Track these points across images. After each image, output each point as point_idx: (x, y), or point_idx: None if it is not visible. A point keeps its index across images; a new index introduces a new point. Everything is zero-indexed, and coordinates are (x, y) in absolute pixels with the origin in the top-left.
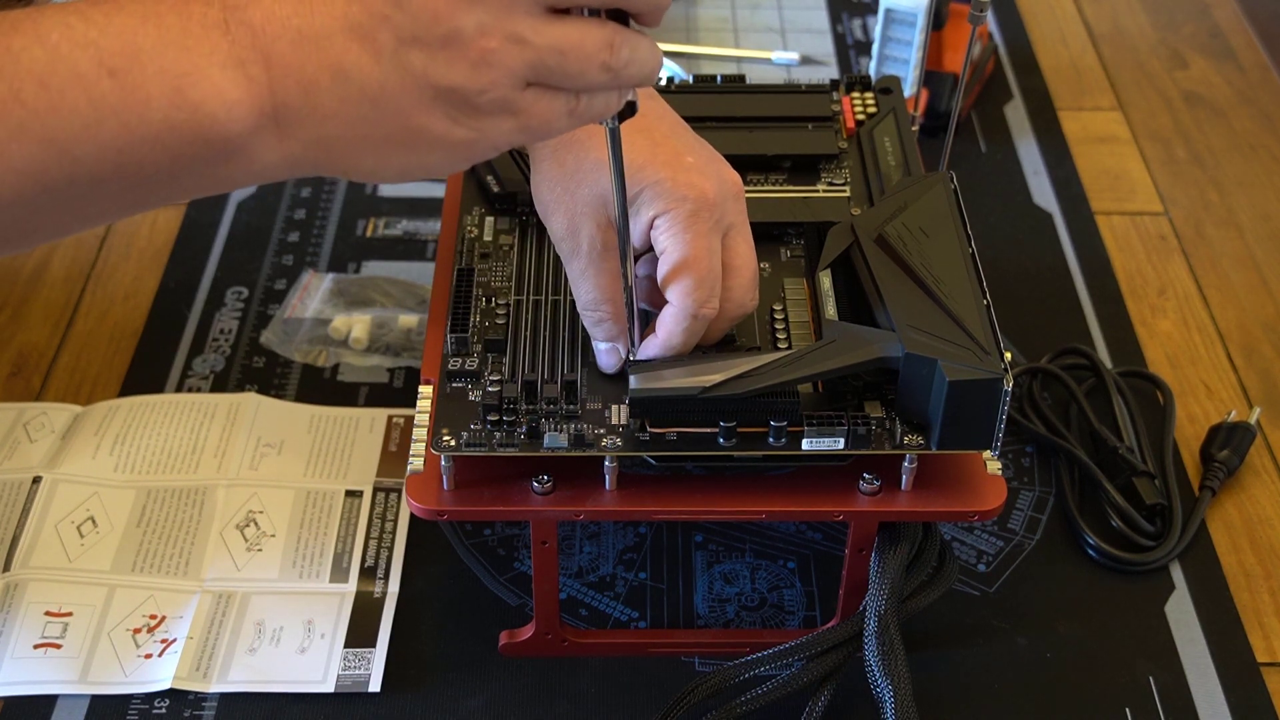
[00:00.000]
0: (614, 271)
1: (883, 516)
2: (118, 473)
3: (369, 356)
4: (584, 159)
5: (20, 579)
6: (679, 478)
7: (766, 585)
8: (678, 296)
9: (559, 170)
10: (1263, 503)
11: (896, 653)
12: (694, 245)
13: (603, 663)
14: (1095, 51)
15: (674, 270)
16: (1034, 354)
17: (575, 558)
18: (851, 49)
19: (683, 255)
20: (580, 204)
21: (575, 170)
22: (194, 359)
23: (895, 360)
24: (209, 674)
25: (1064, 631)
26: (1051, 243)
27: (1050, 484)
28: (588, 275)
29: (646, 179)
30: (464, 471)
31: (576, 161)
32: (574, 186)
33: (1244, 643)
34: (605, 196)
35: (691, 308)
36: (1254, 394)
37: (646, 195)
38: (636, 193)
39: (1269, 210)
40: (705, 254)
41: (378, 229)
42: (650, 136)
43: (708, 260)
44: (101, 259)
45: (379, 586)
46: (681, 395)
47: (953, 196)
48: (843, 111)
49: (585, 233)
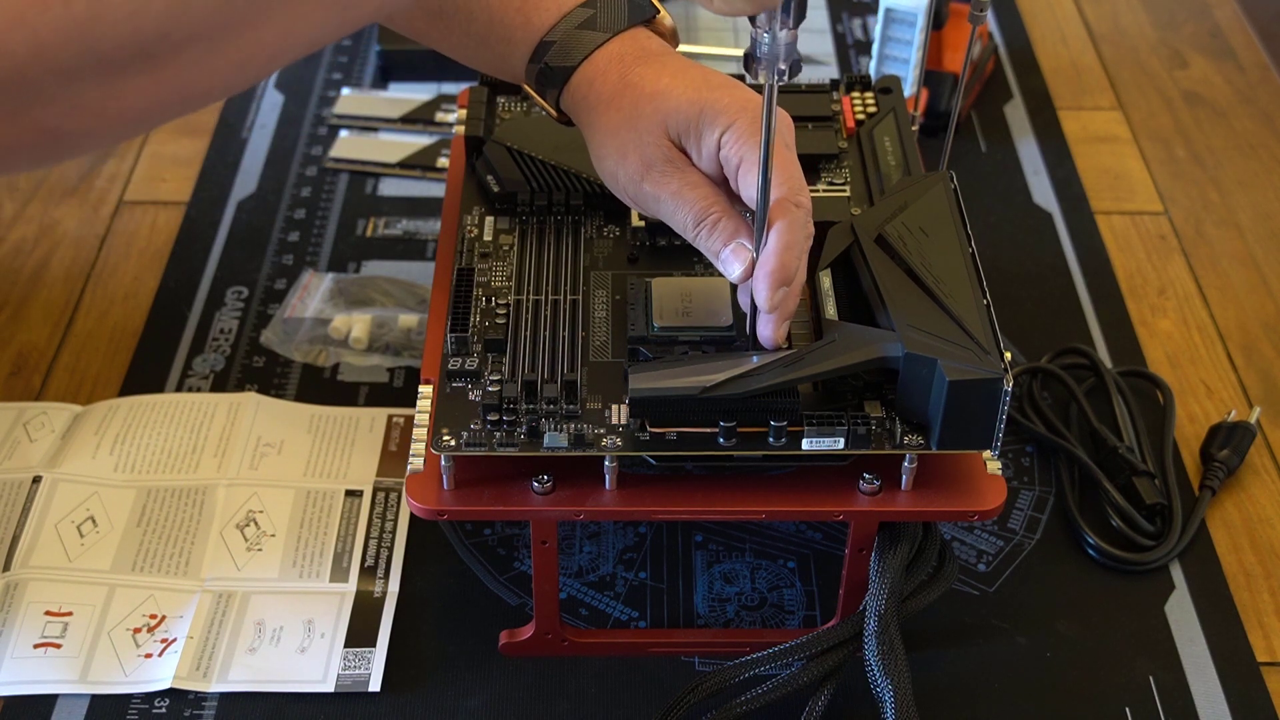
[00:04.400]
0: (704, 179)
1: (883, 516)
2: (118, 472)
3: (369, 356)
4: (640, 97)
5: (20, 579)
6: (679, 478)
7: (766, 585)
8: (773, 193)
9: (618, 116)
10: (1263, 502)
11: (896, 653)
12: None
13: (603, 663)
14: (1095, 51)
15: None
16: (1034, 354)
17: (575, 558)
18: (851, 49)
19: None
20: (646, 136)
21: (633, 111)
22: (194, 359)
23: (895, 360)
24: (209, 674)
25: (1064, 631)
26: (1051, 243)
27: (1050, 484)
28: (683, 193)
29: (701, 103)
30: (464, 471)
31: (633, 103)
32: (636, 123)
33: (1244, 643)
34: (663, 118)
35: (790, 195)
36: (1254, 394)
37: (705, 118)
38: (691, 120)
39: (1269, 210)
40: (783, 148)
41: (378, 229)
42: (685, 74)
43: (786, 153)
44: (101, 259)
45: (379, 586)
46: (681, 395)
47: (953, 196)
48: (843, 111)
49: (659, 158)
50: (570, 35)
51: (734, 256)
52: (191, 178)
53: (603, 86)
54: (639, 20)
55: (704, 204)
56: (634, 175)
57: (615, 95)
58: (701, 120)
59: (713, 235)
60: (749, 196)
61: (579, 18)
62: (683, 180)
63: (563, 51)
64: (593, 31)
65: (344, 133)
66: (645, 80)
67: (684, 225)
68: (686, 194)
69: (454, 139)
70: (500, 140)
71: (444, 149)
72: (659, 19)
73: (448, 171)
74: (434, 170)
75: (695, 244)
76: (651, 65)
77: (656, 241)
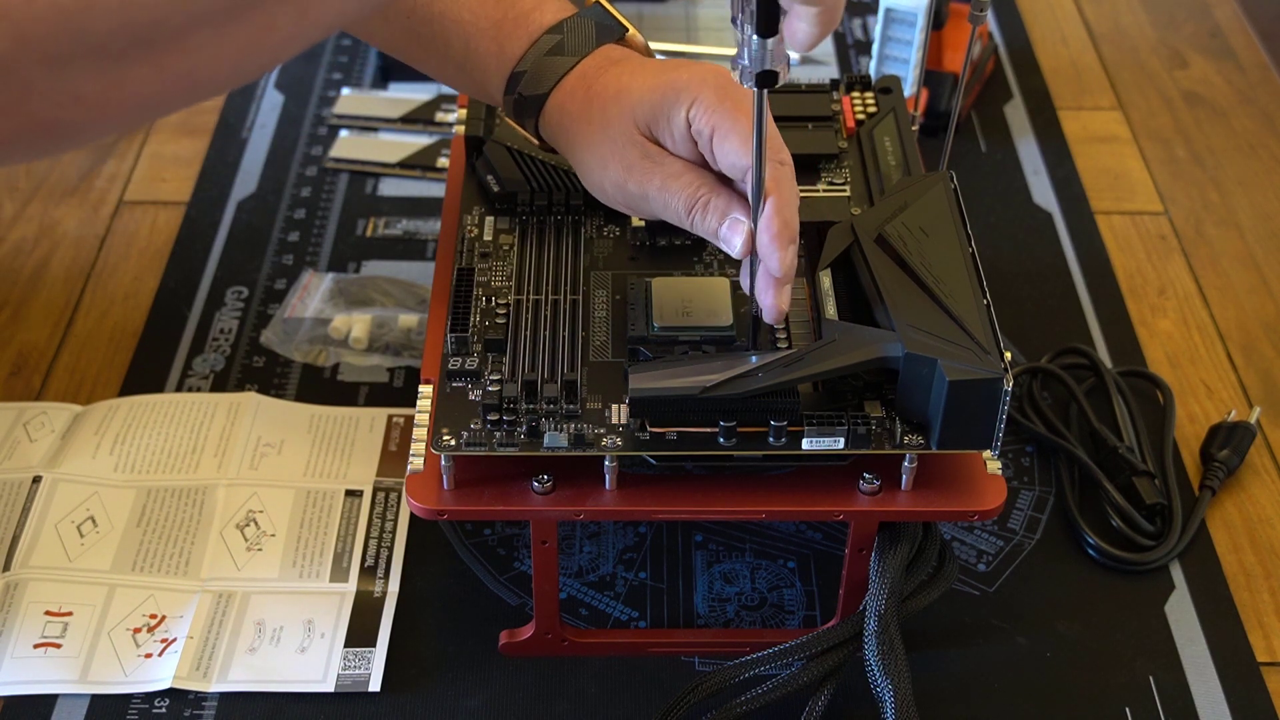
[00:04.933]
0: (684, 165)
1: (883, 516)
2: (118, 472)
3: (369, 356)
4: (605, 103)
5: (20, 578)
6: (679, 478)
7: (766, 585)
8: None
9: (590, 129)
10: (1263, 502)
11: (896, 653)
12: (739, 108)
13: (603, 663)
14: (1095, 51)
15: (738, 135)
16: (1034, 354)
17: (575, 558)
18: (851, 49)
19: (734, 120)
20: (619, 138)
21: (602, 119)
22: (194, 359)
23: (895, 360)
24: (209, 673)
25: (1064, 631)
26: (1051, 242)
27: (1050, 484)
28: (667, 184)
29: (662, 87)
30: (464, 471)
31: (601, 110)
32: (607, 129)
33: (1244, 642)
34: (630, 115)
35: (772, 154)
36: (1254, 394)
37: (668, 100)
38: (656, 107)
39: (1269, 210)
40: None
41: (378, 229)
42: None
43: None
44: (101, 259)
45: (379, 586)
46: (681, 395)
47: (953, 196)
48: (843, 111)
49: (636, 155)
50: (540, 63)
51: (731, 232)
52: (191, 178)
53: (572, 106)
54: (606, 41)
55: (690, 189)
56: (618, 180)
57: (584, 110)
58: (665, 103)
59: (706, 216)
60: (728, 165)
61: (547, 44)
62: (664, 172)
63: (534, 80)
64: (561, 57)
65: (344, 133)
66: (607, 86)
67: (677, 215)
68: (671, 184)
69: (454, 139)
70: (500, 140)
71: (444, 149)
72: (629, 37)
73: (448, 171)
74: (434, 170)
75: (692, 230)
76: (611, 72)
77: (656, 241)
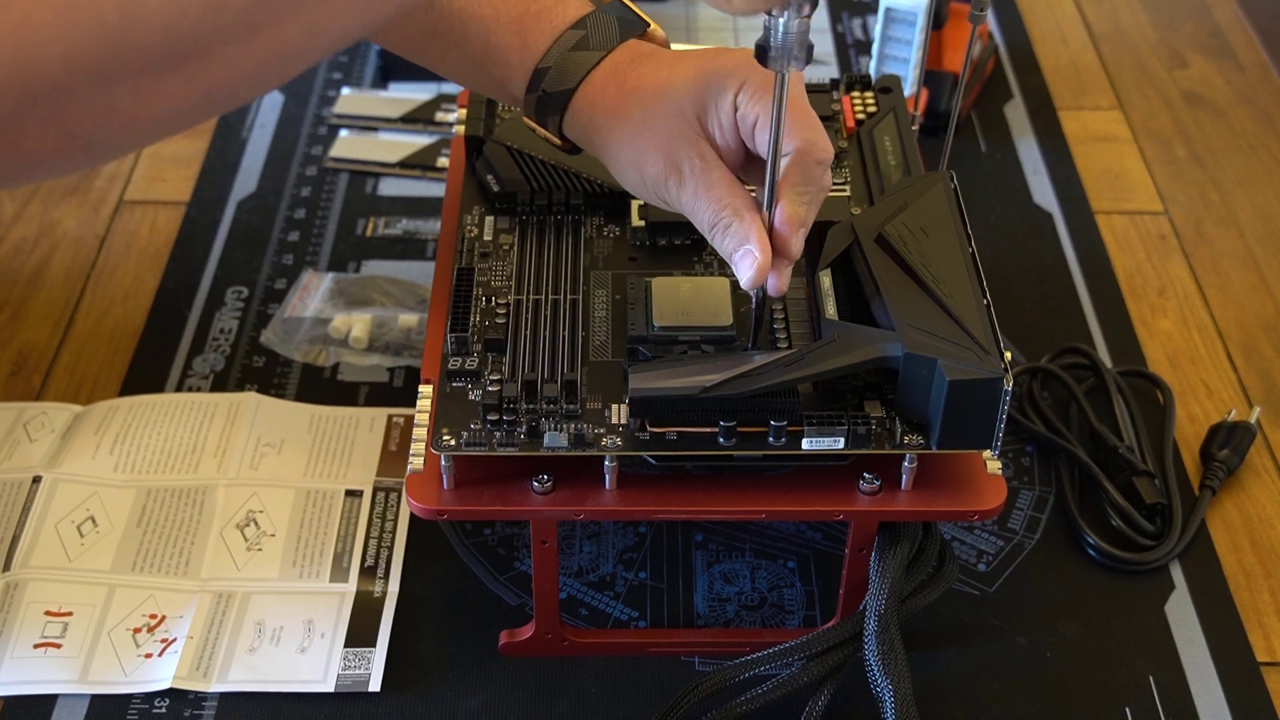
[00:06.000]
0: (723, 178)
1: (883, 516)
2: (118, 472)
3: (369, 356)
4: (646, 98)
5: (20, 579)
6: (679, 478)
7: (766, 585)
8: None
9: (629, 125)
10: (1263, 502)
11: (896, 653)
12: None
13: (603, 663)
14: (1095, 51)
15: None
16: (1034, 354)
17: (575, 558)
18: (851, 48)
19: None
20: (666, 134)
21: (643, 114)
22: (194, 359)
23: (895, 360)
24: (209, 674)
25: (1064, 631)
26: (1051, 242)
27: (1050, 484)
28: (700, 195)
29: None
30: (464, 471)
31: (641, 106)
32: (652, 124)
33: (1244, 642)
34: (678, 109)
35: (811, 151)
36: (1254, 394)
37: (713, 88)
38: (703, 96)
39: (1269, 210)
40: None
41: (378, 229)
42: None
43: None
44: (101, 259)
45: (379, 586)
46: (681, 395)
47: (953, 196)
48: (842, 111)
49: (684, 154)
50: (565, 59)
51: (743, 261)
52: (191, 178)
53: (604, 103)
54: (630, 36)
55: (717, 206)
56: (657, 176)
57: (619, 105)
58: (710, 91)
59: (725, 238)
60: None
61: (571, 40)
62: (701, 182)
63: (559, 76)
64: (586, 52)
65: (344, 132)
66: (645, 81)
67: (700, 226)
68: (703, 195)
69: (454, 139)
70: (500, 140)
71: (444, 149)
72: (650, 32)
73: (448, 171)
74: (434, 170)
75: (711, 244)
76: (646, 65)
77: (656, 241)
